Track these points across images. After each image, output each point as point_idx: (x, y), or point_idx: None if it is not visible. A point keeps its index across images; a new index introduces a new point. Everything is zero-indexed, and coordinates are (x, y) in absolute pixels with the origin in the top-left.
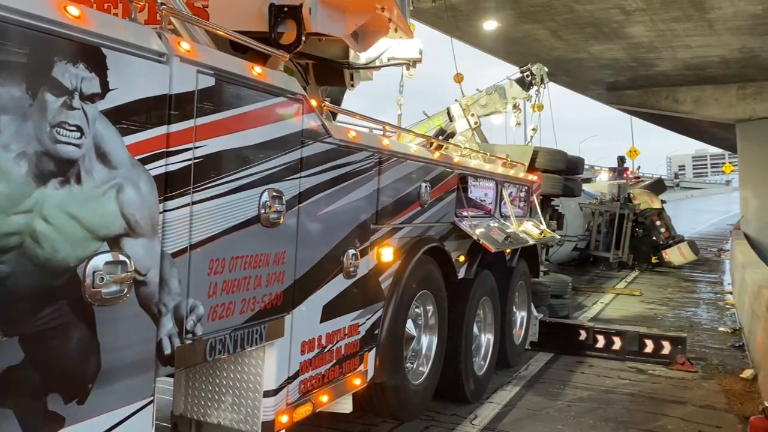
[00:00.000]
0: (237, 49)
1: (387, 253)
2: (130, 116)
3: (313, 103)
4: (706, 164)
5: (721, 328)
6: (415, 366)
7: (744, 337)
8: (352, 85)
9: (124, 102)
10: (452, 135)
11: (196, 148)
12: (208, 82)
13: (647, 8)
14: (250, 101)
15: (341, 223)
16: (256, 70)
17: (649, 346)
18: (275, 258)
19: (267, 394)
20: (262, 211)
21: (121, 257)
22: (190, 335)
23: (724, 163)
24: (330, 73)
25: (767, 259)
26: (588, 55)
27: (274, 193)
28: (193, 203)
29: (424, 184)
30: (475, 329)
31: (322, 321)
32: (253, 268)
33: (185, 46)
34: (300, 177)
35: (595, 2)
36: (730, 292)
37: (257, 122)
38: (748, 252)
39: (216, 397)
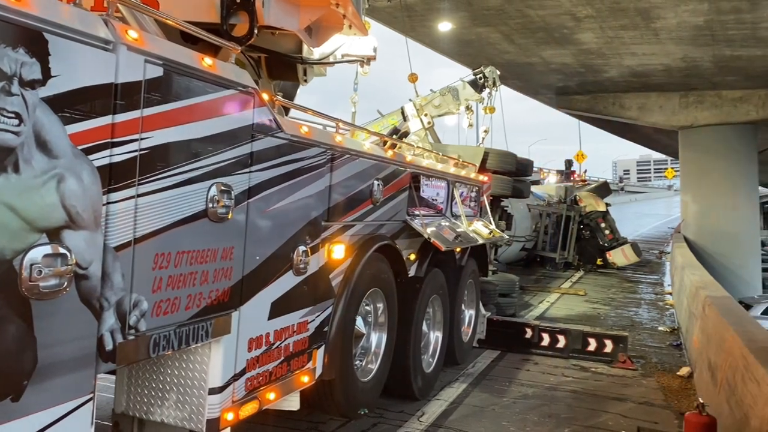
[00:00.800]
0: (187, 39)
1: (338, 251)
2: (73, 104)
3: (265, 97)
4: (649, 169)
5: (660, 328)
6: (364, 363)
7: (682, 336)
8: (305, 81)
9: (66, 89)
10: (406, 134)
11: (142, 139)
12: (156, 72)
13: (597, 15)
14: (200, 93)
15: (292, 220)
16: (207, 62)
17: (592, 345)
18: (223, 253)
19: (212, 391)
20: (210, 205)
21: (61, 250)
22: (133, 331)
23: (666, 169)
24: (283, 68)
25: (705, 262)
26: (539, 59)
27: (223, 188)
28: (139, 196)
29: (376, 182)
30: (425, 327)
31: (270, 318)
32: (200, 263)
33: (133, 34)
34: (250, 172)
35: (547, 8)
36: (670, 293)
37: (206, 114)
38: (687, 254)
39: (160, 394)
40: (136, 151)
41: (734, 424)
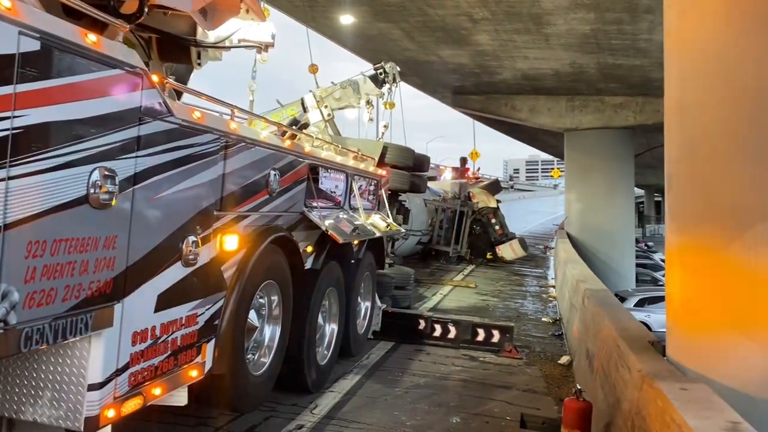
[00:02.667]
0: (71, 14)
1: (231, 242)
2: None
3: (155, 79)
4: (537, 169)
5: (544, 319)
6: (256, 357)
7: (563, 327)
8: (199, 64)
9: None
10: (305, 125)
11: (15, 117)
12: (33, 45)
13: (492, 18)
14: (82, 71)
15: (181, 209)
16: (91, 38)
17: (481, 335)
18: (105, 242)
19: (92, 387)
20: (92, 191)
21: None
22: (1, 324)
23: (553, 169)
24: (175, 50)
25: (586, 257)
26: (438, 58)
27: (106, 173)
28: (10, 178)
29: (273, 172)
30: (320, 319)
31: (156, 310)
32: (80, 252)
33: (5, 3)
34: (136, 157)
35: (447, 8)
36: (553, 286)
37: (89, 94)
38: (570, 250)
39: (33, 392)
40: (7, 129)
41: (608, 408)
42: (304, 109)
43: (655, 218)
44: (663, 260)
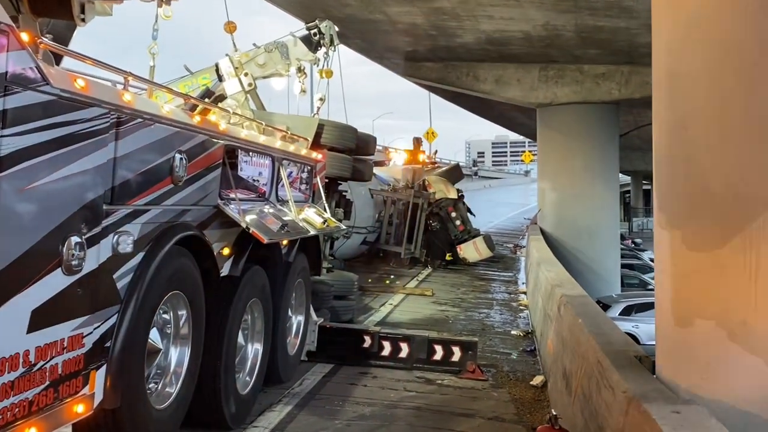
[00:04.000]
0: None
1: (125, 243)
2: None
3: (25, 38)
4: (506, 152)
5: (513, 332)
6: (160, 386)
7: (536, 341)
8: (83, 20)
9: None
10: (221, 98)
11: None
12: None
13: None
14: None
15: (61, 202)
16: None
17: (439, 353)
18: None
19: None
20: None
21: None
22: None
23: (524, 152)
24: (51, 2)
25: (563, 257)
26: (384, 16)
27: None
28: None
29: (179, 156)
30: (241, 338)
31: (30, 331)
32: None
33: None
34: (1, 136)
35: None
36: (524, 292)
37: None
38: (544, 249)
39: None
40: None
41: None
42: (220, 78)
43: (643, 210)
44: (653, 260)
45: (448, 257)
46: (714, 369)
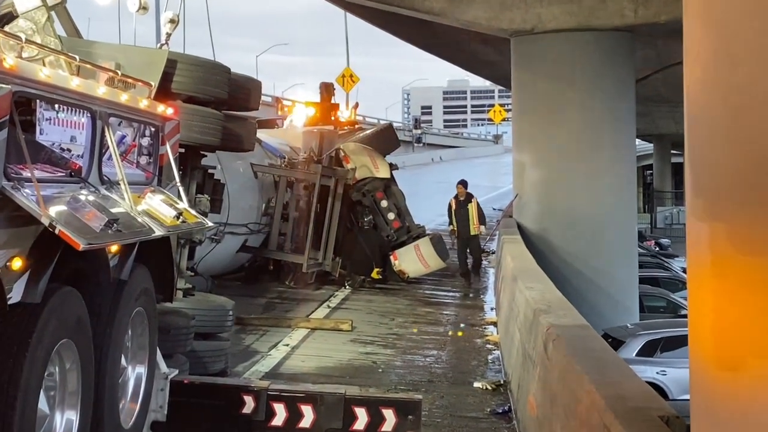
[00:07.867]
0: None
1: None
2: None
3: None
4: (465, 107)
5: (477, 384)
6: None
7: (511, 397)
8: None
9: None
10: (10, 19)
11: None
12: None
13: None
14: None
15: None
16: None
17: (362, 420)
18: None
19: None
20: None
21: None
22: None
23: (492, 106)
24: None
25: (552, 267)
26: None
27: None
28: None
29: None
30: (43, 404)
31: None
32: None
33: None
34: None
35: None
36: (494, 323)
37: None
38: (523, 255)
39: None
40: None
41: None
42: None
43: (672, 196)
44: (686, 270)
45: (375, 272)
46: None
